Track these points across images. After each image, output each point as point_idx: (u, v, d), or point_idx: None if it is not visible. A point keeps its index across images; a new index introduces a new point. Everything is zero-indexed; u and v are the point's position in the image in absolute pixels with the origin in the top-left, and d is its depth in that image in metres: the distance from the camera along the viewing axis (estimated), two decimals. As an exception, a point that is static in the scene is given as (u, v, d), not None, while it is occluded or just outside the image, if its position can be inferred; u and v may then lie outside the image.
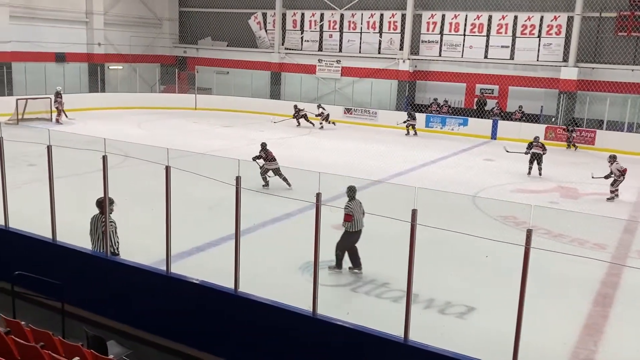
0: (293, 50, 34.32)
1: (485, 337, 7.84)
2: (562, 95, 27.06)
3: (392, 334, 6.15)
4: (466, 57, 29.55)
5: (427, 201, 6.41)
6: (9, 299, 7.33)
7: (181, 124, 27.31)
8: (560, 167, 20.29)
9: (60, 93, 26.02)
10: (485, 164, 20.83)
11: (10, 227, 8.91)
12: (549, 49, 27.79)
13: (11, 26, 28.27)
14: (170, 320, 7.50)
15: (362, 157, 20.20)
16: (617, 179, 15.90)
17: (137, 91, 33.70)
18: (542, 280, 9.04)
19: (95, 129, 22.77)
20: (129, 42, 34.55)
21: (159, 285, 7.55)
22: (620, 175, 15.87)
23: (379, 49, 31.97)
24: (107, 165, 7.63)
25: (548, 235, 12.13)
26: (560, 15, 27.32)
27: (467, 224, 11.83)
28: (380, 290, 9.22)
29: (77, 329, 6.94)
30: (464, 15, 29.46)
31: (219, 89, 34.87)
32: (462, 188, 15.72)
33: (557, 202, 15.30)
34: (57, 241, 8.43)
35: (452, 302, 8.87)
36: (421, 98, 31.05)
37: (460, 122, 28.20)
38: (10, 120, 23.92)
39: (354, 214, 9.22)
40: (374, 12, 31.77)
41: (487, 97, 29.32)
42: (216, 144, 21.44)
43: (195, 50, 37.29)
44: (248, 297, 6.93)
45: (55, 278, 7.34)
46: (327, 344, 6.52)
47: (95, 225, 8.28)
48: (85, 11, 32.35)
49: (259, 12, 35.18)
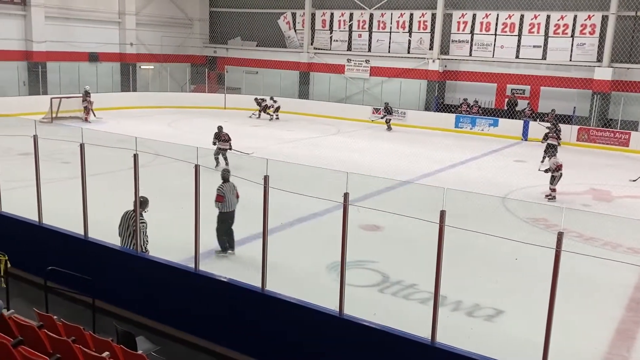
0: (322, 50, 34.34)
1: (514, 341, 7.73)
2: (596, 96, 26.53)
3: (419, 336, 6.11)
4: (497, 57, 29.18)
5: (455, 202, 6.35)
6: (41, 294, 7.48)
7: (210, 124, 27.49)
8: (593, 169, 19.90)
9: (89, 92, 26.49)
10: (516, 165, 20.53)
11: (43, 223, 9.10)
12: (582, 49, 27.28)
13: (46, 26, 28.89)
14: (198, 318, 7.57)
15: (391, 158, 20.10)
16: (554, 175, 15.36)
17: (168, 90, 34.14)
18: (573, 284, 8.86)
19: (127, 127, 23.10)
20: (160, 42, 35.00)
21: (188, 283, 7.63)
22: (556, 170, 15.22)
23: (409, 48, 31.78)
24: (138, 164, 7.73)
25: (580, 238, 11.91)
26: (595, 14, 26.79)
27: (496, 225, 11.68)
28: (407, 292, 9.17)
29: (107, 324, 7.04)
30: (495, 15, 29.10)
31: (248, 89, 35.07)
32: (491, 189, 15.52)
33: (589, 205, 15.02)
34: (88, 237, 8.57)
35: (481, 305, 8.77)
36: (451, 98, 30.77)
37: (490, 122, 27.87)
38: (44, 119, 24.42)
39: (226, 195, 9.79)
40: (403, 11, 31.60)
41: (518, 97, 28.92)
42: (245, 143, 21.55)
43: (225, 50, 37.57)
44: (275, 296, 6.95)
45: (86, 274, 7.47)
46: (353, 344, 6.50)
47: (127, 222, 8.40)
48: (118, 12, 32.87)
49: (289, 12, 35.28)
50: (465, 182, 16.83)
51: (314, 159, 18.70)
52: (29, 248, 9.13)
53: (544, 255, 5.70)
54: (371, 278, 9.58)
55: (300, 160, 17.72)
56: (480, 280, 9.80)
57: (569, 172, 19.17)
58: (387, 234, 11.94)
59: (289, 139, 23.94)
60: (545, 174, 15.59)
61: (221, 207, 9.88)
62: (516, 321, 8.38)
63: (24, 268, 8.80)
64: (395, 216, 9.42)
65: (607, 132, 25.08)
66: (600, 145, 24.77)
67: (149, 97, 31.94)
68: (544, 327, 5.49)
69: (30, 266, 8.75)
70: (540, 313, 5.58)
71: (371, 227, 11.98)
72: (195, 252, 7.48)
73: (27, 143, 9.07)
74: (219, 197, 9.77)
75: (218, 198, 9.76)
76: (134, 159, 7.70)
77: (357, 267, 9.65)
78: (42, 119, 24.21)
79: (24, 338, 5.12)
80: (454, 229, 5.85)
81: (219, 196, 9.76)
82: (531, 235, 11.86)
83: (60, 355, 4.92)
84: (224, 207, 9.88)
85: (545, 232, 12.33)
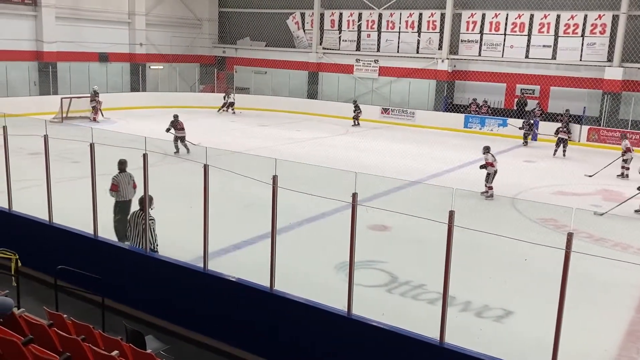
0: (331, 50, 34.33)
1: (523, 342, 7.70)
2: (606, 96, 26.35)
3: (428, 336, 6.10)
4: (507, 56, 29.06)
5: (465, 202, 6.33)
6: (52, 293, 7.53)
7: (219, 123, 27.62)
8: (603, 169, 19.75)
9: (98, 92, 26.62)
10: (525, 166, 20.44)
11: (54, 222, 9.16)
12: (592, 49, 27.11)
13: (57, 27, 29.07)
14: (207, 317, 7.59)
15: (399, 158, 20.06)
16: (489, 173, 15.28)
17: (177, 90, 34.26)
18: (583, 285, 8.81)
19: (136, 127, 23.21)
20: (170, 42, 35.12)
21: (196, 282, 7.65)
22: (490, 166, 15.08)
23: (418, 48, 31.71)
24: (148, 163, 7.76)
25: (590, 239, 11.84)
26: (605, 13, 26.61)
27: (505, 226, 11.63)
28: (416, 292, 9.15)
29: (117, 323, 7.08)
30: (505, 15, 28.99)
31: (257, 89, 35.14)
32: (500, 190, 15.45)
33: (600, 206, 14.90)
34: (98, 237, 8.62)
35: (490, 306, 8.74)
36: (460, 98, 30.67)
37: (499, 122, 27.75)
38: (55, 119, 24.56)
39: (120, 184, 10.04)
40: (412, 11, 31.53)
41: (528, 97, 28.77)
42: (253, 143, 21.61)
43: (234, 50, 37.64)
44: (283, 296, 6.96)
45: (96, 273, 7.51)
46: (361, 345, 6.50)
47: (135, 222, 8.44)
48: (127, 12, 33.02)
49: (297, 12, 35.29)
50: (474, 183, 16.76)
51: (323, 158, 18.70)
52: (39, 247, 9.19)
53: (553, 256, 5.66)
54: (380, 278, 9.57)
55: (308, 160, 17.72)
56: (489, 281, 9.76)
57: (580, 172, 19.11)
58: (396, 234, 11.92)
59: (297, 138, 23.96)
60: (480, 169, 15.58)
61: (117, 197, 10.09)
62: (525, 322, 8.34)
63: (34, 267, 8.86)
64: (404, 216, 9.40)
65: (618, 132, 24.86)
66: (611, 145, 24.58)
67: (159, 97, 32.06)
68: (553, 328, 5.47)
69: (41, 265, 8.81)
70: (550, 314, 5.55)
71: (380, 227, 11.97)
72: (204, 252, 7.50)
73: (37, 143, 9.13)
74: (113, 187, 9.99)
75: (112, 187, 9.99)
76: (143, 158, 7.73)
77: (365, 267, 9.64)
78: (53, 118, 24.34)
79: (34, 336, 5.15)
80: (462, 229, 5.83)
81: (113, 185, 9.99)
82: (540, 235, 11.80)
83: (70, 353, 4.95)
84: (119, 196, 10.10)
85: (554, 232, 12.27)
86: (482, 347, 6.05)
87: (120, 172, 10.17)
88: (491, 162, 15.34)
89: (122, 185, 10.11)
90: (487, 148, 15.75)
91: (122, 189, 10.10)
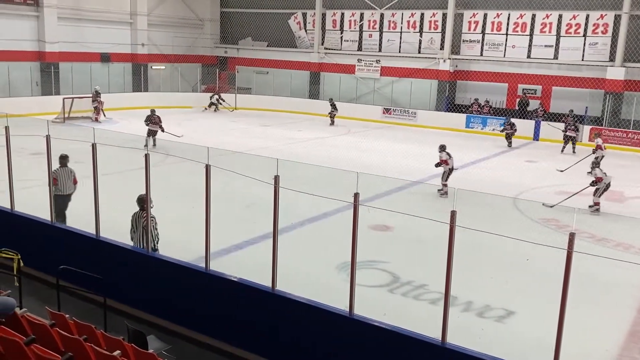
0: (332, 50, 34.33)
1: (525, 342, 7.69)
2: (608, 95, 26.32)
3: (429, 336, 6.10)
4: (508, 56, 29.04)
5: (466, 202, 6.33)
6: (53, 293, 7.54)
7: (221, 123, 27.63)
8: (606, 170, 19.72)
9: (99, 92, 26.64)
10: (527, 166, 20.43)
11: (55, 222, 9.17)
12: (594, 49, 27.08)
13: (59, 27, 29.10)
14: (209, 317, 7.60)
15: (401, 158, 20.05)
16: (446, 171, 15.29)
17: (179, 91, 34.28)
18: (585, 285, 8.80)
19: (138, 127, 23.20)
20: (172, 42, 35.15)
21: (198, 282, 7.66)
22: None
23: (419, 48, 31.70)
24: (149, 163, 7.77)
25: (592, 239, 11.83)
26: (607, 13, 26.59)
27: (507, 226, 11.61)
28: (417, 292, 9.15)
29: (119, 323, 7.08)
30: (507, 14, 28.97)
31: (259, 89, 35.16)
32: (502, 190, 15.44)
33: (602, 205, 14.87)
34: (100, 237, 8.63)
35: (491, 306, 8.73)
36: (462, 98, 30.66)
37: (501, 122, 27.71)
38: (57, 119, 24.58)
39: (59, 178, 10.47)
40: (414, 11, 31.52)
41: (530, 97, 28.75)
42: (255, 143, 21.62)
43: (236, 50, 37.66)
44: (285, 296, 6.96)
45: (98, 273, 7.52)
46: (363, 345, 6.50)
47: (137, 222, 8.44)
48: (129, 12, 33.05)
49: (299, 12, 35.31)
50: (476, 183, 16.75)
51: (324, 159, 18.70)
52: (41, 247, 9.20)
53: (555, 256, 5.66)
54: (381, 278, 9.57)
55: (310, 160, 17.72)
56: (491, 281, 9.76)
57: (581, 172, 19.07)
58: (398, 234, 11.92)
59: (299, 138, 23.97)
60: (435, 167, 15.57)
61: (56, 190, 10.33)
62: (527, 322, 8.34)
63: (36, 267, 8.88)
64: (406, 216, 9.39)
65: (620, 132, 24.89)
66: (613, 145, 24.55)
67: (160, 97, 32.05)
68: (555, 328, 5.46)
69: (43, 265, 8.83)
70: (552, 314, 5.55)
71: (381, 227, 11.97)
72: (206, 252, 7.50)
73: (39, 143, 9.14)
74: (54, 181, 10.19)
75: (53, 181, 10.14)
76: (145, 158, 7.73)
77: (367, 267, 9.65)
78: (55, 119, 24.38)
79: (36, 336, 5.16)
80: (464, 229, 5.83)
81: (54, 179, 10.15)
82: (542, 235, 11.79)
83: (72, 353, 4.95)
84: (58, 190, 10.43)
85: (556, 232, 12.26)
86: (484, 347, 6.05)
87: (60, 167, 10.57)
88: (445, 160, 15.35)
89: (61, 179, 10.52)
90: (442, 146, 15.73)
91: (60, 183, 10.51)
